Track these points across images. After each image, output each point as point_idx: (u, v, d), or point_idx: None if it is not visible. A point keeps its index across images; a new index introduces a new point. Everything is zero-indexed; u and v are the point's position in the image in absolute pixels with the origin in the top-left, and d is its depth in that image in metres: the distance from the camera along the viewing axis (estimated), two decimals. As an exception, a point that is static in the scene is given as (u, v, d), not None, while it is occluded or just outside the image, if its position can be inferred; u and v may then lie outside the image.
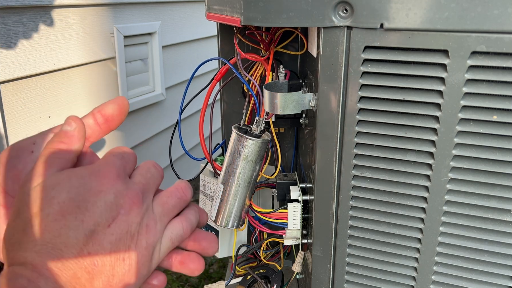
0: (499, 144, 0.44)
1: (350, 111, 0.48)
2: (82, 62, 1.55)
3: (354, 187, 0.52)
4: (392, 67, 0.45)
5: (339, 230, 0.55)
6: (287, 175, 0.68)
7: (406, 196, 0.50)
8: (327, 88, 0.48)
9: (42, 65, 1.37)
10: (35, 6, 1.33)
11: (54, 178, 0.36)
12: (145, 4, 1.89)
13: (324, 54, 0.47)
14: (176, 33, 2.17)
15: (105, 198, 0.35)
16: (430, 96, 0.45)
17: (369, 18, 0.43)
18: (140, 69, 1.92)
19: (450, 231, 0.50)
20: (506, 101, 0.43)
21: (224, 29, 0.73)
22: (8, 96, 1.27)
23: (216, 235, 0.78)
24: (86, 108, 1.61)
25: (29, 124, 1.36)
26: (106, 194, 0.35)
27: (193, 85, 0.67)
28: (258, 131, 0.60)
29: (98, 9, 1.61)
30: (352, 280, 0.57)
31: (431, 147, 0.47)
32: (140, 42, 1.89)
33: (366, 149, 0.49)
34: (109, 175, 0.36)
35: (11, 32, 1.26)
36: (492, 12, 0.40)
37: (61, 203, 0.34)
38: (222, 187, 0.62)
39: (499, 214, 0.48)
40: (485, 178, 0.46)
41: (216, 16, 0.55)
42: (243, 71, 0.62)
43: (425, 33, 0.42)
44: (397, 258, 0.54)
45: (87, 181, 0.35)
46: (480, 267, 0.51)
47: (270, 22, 0.47)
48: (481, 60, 0.42)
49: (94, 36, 1.60)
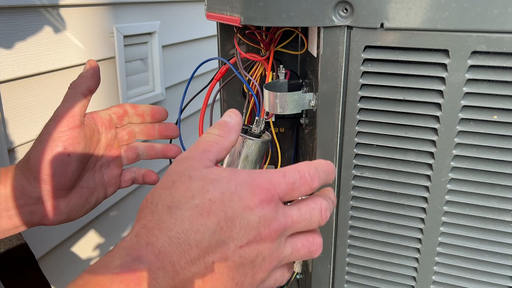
0: (499, 144, 0.44)
1: (350, 111, 0.48)
2: (82, 62, 1.55)
3: (354, 187, 0.52)
4: (392, 67, 0.45)
5: (339, 230, 0.55)
6: (287, 175, 0.68)
7: (407, 196, 0.50)
8: (327, 88, 0.48)
9: (42, 65, 1.37)
10: (35, 6, 1.33)
11: (216, 172, 0.35)
12: (145, 4, 1.89)
13: (324, 53, 0.47)
14: (176, 33, 2.17)
15: (250, 217, 0.34)
16: (431, 96, 0.45)
17: (369, 17, 0.43)
18: (140, 69, 1.92)
19: (450, 231, 0.50)
20: (506, 101, 0.43)
21: (224, 29, 0.73)
22: (7, 96, 1.27)
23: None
24: (86, 108, 1.61)
25: (29, 124, 1.36)
26: (252, 213, 0.34)
27: (193, 85, 0.67)
28: (258, 131, 0.60)
29: (98, 9, 1.61)
30: (352, 280, 0.57)
31: (432, 147, 0.46)
32: (139, 42, 1.89)
33: (366, 149, 0.49)
34: (265, 195, 0.35)
35: (11, 32, 1.26)
36: (493, 12, 0.40)
37: (212, 201, 0.33)
38: (222, 187, 0.62)
39: (499, 214, 0.48)
40: (486, 178, 0.46)
41: (216, 15, 0.55)
42: (243, 71, 0.62)
43: (425, 32, 0.42)
44: (398, 258, 0.54)
45: (244, 190, 0.34)
46: (481, 267, 0.51)
47: (270, 22, 0.47)
48: (481, 59, 0.42)
49: (93, 36, 1.60)
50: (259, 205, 0.34)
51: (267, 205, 0.34)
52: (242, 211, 0.34)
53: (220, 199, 0.33)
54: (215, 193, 0.33)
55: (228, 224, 0.33)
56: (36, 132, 1.40)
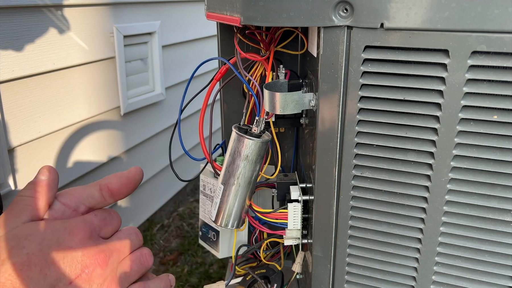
0: (499, 144, 0.44)
1: (350, 111, 0.48)
2: (82, 62, 1.55)
3: (354, 187, 0.52)
4: (392, 67, 0.45)
5: (339, 230, 0.55)
6: (287, 175, 0.68)
7: (407, 196, 0.50)
8: (327, 87, 0.48)
9: (42, 65, 1.37)
10: (35, 6, 1.33)
11: (28, 228, 0.36)
12: (145, 4, 1.89)
13: (324, 53, 0.47)
14: (176, 33, 2.17)
15: (73, 254, 0.36)
16: (431, 96, 0.45)
17: (369, 17, 0.43)
18: (140, 69, 1.92)
19: (450, 231, 0.50)
20: (506, 101, 0.43)
21: (224, 29, 0.73)
22: (8, 96, 1.27)
23: (217, 235, 0.78)
24: (86, 108, 1.61)
25: (29, 124, 1.36)
26: (74, 251, 0.36)
27: (193, 85, 0.67)
28: (258, 131, 0.60)
29: (98, 9, 1.61)
30: (352, 280, 0.57)
31: (432, 147, 0.46)
32: (140, 42, 1.89)
33: (366, 149, 0.49)
34: (82, 233, 0.38)
35: (11, 32, 1.26)
36: (493, 12, 0.40)
37: (30, 254, 0.35)
38: (222, 187, 0.62)
39: (499, 214, 0.47)
40: (486, 178, 0.46)
41: (216, 15, 0.55)
42: (243, 71, 0.62)
43: (426, 32, 0.42)
44: (398, 258, 0.54)
45: (60, 235, 0.37)
46: (481, 267, 0.51)
47: (270, 22, 0.47)
48: (481, 59, 0.42)
49: (94, 36, 1.60)
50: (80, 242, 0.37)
51: (87, 240, 0.38)
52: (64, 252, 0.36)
53: (38, 249, 0.35)
54: (31, 246, 0.35)
55: (52, 268, 0.35)
56: (36, 132, 1.40)
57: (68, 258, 0.36)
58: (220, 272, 1.99)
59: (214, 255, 0.44)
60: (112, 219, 0.42)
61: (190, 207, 2.50)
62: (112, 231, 0.42)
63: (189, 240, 2.19)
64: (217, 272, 1.99)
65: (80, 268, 0.36)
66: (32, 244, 0.35)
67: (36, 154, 1.42)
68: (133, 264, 0.41)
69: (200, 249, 2.10)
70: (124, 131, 1.87)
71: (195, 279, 1.93)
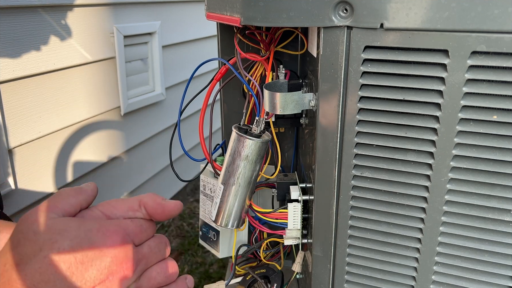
0: (499, 144, 0.44)
1: (350, 111, 0.48)
2: (82, 62, 1.55)
3: (354, 187, 0.52)
4: (392, 67, 0.45)
5: (339, 230, 0.55)
6: (287, 175, 0.68)
7: (406, 196, 0.50)
8: (327, 88, 0.48)
9: (42, 65, 1.37)
10: (35, 6, 1.33)
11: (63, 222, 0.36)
12: (145, 4, 1.89)
13: (324, 54, 0.47)
14: (176, 33, 2.17)
15: (102, 258, 0.36)
16: (430, 96, 0.45)
17: (369, 18, 0.43)
18: (140, 69, 1.92)
19: (450, 231, 0.50)
20: (506, 101, 0.43)
21: (224, 29, 0.73)
22: (8, 96, 1.27)
23: (217, 235, 0.78)
24: (86, 108, 1.61)
25: (29, 124, 1.36)
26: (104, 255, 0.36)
27: (193, 85, 0.67)
28: (258, 131, 0.60)
29: (98, 9, 1.61)
30: (352, 280, 0.57)
31: (431, 147, 0.46)
32: (140, 42, 1.89)
33: (366, 149, 0.49)
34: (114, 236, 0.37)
35: (11, 32, 1.26)
36: (493, 12, 0.40)
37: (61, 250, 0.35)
38: (222, 187, 0.62)
39: (499, 214, 0.48)
40: (485, 178, 0.46)
41: (216, 16, 0.55)
42: (243, 71, 0.62)
43: (425, 33, 0.42)
44: (397, 258, 0.54)
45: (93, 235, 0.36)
46: (480, 267, 0.51)
47: (270, 22, 0.47)
48: (481, 60, 0.42)
49: (94, 36, 1.60)
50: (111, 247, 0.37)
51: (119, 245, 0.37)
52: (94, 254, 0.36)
53: (69, 246, 0.35)
54: (63, 242, 0.35)
55: (80, 268, 0.35)
56: (37, 132, 1.40)
57: (97, 261, 0.36)
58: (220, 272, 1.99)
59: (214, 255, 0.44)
60: (149, 227, 0.42)
61: (190, 207, 2.50)
62: (145, 238, 0.42)
63: (189, 240, 2.20)
64: (217, 272, 1.99)
65: (106, 274, 0.36)
66: (65, 240, 0.35)
67: (36, 154, 1.42)
68: (158, 276, 0.41)
69: (200, 249, 2.11)
70: (124, 131, 1.87)
71: (195, 279, 1.93)
